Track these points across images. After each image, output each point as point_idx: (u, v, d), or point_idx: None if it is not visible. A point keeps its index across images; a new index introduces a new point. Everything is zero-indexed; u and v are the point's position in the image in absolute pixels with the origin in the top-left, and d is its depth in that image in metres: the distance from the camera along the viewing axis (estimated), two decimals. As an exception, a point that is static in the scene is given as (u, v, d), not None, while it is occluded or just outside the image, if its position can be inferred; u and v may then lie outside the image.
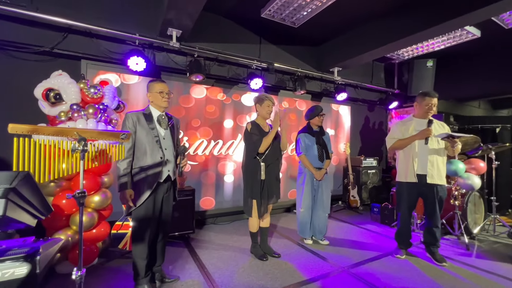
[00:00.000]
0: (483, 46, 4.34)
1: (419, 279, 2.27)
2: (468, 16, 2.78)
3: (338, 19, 3.68)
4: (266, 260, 2.57)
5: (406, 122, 2.72)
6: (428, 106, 2.55)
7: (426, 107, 2.56)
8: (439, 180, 2.54)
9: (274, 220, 3.88)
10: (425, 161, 2.54)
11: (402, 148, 2.66)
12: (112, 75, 3.18)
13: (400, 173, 2.71)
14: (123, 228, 2.61)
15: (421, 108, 2.62)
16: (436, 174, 2.53)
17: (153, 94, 2.02)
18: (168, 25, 2.99)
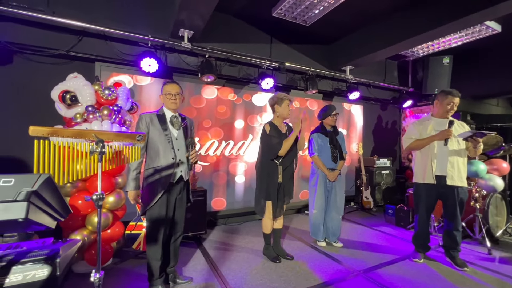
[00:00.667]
0: (503, 41, 4.16)
1: (440, 285, 2.18)
2: (489, 10, 2.66)
3: (350, 17, 3.60)
4: (279, 262, 2.53)
5: (424, 121, 2.62)
6: (450, 105, 2.45)
7: (448, 107, 2.46)
8: (460, 181, 2.43)
9: (286, 221, 3.84)
10: (444, 162, 2.44)
11: (419, 149, 2.56)
12: (125, 77, 3.21)
13: (418, 174, 2.61)
14: (136, 229, 2.63)
15: (442, 107, 2.51)
16: (456, 176, 2.42)
17: (162, 96, 2.05)
18: (179, 26, 3.00)
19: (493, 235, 3.10)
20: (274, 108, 2.57)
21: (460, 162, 2.45)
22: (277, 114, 2.56)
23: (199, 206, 3.14)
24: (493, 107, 6.31)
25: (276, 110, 2.56)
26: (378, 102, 5.51)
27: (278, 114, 2.55)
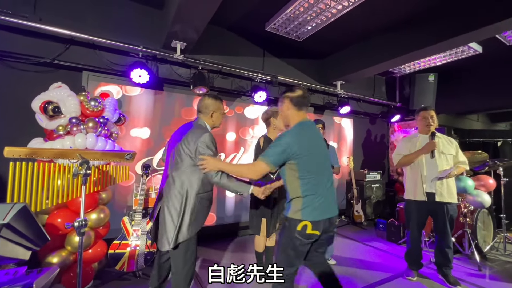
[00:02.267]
0: (483, 61, 4.38)
1: (435, 305, 2.15)
2: (474, 33, 2.80)
3: (342, 34, 3.69)
4: None
5: (412, 138, 2.68)
6: (426, 119, 2.55)
7: (425, 121, 2.56)
8: (449, 198, 2.46)
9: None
10: (434, 178, 2.46)
11: (409, 164, 2.59)
12: (114, 87, 3.11)
13: (409, 191, 2.62)
14: (121, 248, 2.47)
15: (420, 123, 2.62)
16: (446, 192, 2.45)
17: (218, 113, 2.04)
18: (172, 38, 2.95)
19: (481, 251, 3.13)
20: (270, 122, 2.50)
21: (449, 179, 2.48)
22: (274, 126, 2.49)
23: (188, 222, 3.01)
24: (474, 122, 6.59)
25: (272, 123, 2.49)
26: (367, 116, 5.62)
27: (274, 126, 2.49)
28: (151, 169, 3.10)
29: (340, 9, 2.94)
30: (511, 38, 3.57)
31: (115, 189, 3.06)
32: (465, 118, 6.35)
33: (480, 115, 6.78)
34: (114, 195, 3.04)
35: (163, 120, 3.41)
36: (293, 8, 2.98)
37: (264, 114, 2.58)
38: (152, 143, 3.33)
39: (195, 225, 1.74)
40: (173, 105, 3.50)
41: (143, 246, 2.49)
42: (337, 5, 2.88)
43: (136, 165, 3.22)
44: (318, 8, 2.95)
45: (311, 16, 3.11)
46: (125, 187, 3.14)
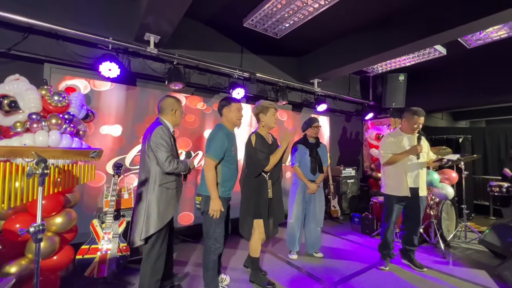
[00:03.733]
0: (447, 63, 4.69)
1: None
2: (439, 36, 2.97)
3: (319, 33, 3.75)
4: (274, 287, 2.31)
5: (397, 136, 2.76)
6: (416, 125, 2.66)
7: (415, 126, 2.66)
8: (423, 192, 2.70)
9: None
10: (416, 175, 2.65)
11: (396, 162, 2.69)
12: (81, 81, 2.90)
13: (391, 187, 2.72)
14: (90, 253, 2.32)
15: (409, 125, 2.69)
16: (424, 187, 2.69)
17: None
18: (145, 30, 2.81)
19: (446, 239, 3.37)
20: (259, 118, 2.36)
21: (424, 174, 2.71)
22: (263, 124, 2.35)
23: (164, 222, 2.90)
24: (438, 120, 7.05)
25: (261, 120, 2.35)
26: (343, 114, 5.80)
27: (263, 124, 2.35)
28: (124, 169, 2.95)
29: (317, 7, 2.97)
30: (471, 42, 3.85)
31: (83, 191, 2.86)
32: (431, 116, 6.77)
33: (444, 114, 7.27)
34: (83, 197, 2.85)
35: (136, 117, 3.25)
36: (271, 5, 2.96)
37: (254, 109, 2.43)
38: (124, 141, 3.16)
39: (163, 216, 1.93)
40: (147, 101, 3.34)
41: (115, 250, 2.35)
42: (314, 4, 2.91)
43: (107, 164, 3.04)
44: (295, 5, 2.96)
45: (289, 13, 3.12)
46: (94, 188, 2.95)
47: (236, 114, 2.17)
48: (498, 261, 2.71)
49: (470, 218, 4.91)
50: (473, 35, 3.65)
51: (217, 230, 2.06)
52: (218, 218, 2.03)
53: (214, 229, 2.05)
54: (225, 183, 2.11)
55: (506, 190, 3.53)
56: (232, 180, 2.18)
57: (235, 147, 2.21)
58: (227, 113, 2.17)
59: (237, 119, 2.18)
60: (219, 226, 2.07)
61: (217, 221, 2.05)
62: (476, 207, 5.37)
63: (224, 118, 2.20)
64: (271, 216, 2.33)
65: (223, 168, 2.10)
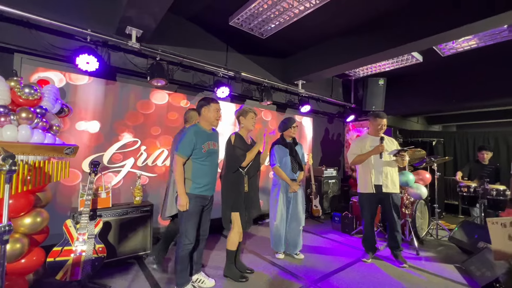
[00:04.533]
0: (423, 69, 4.95)
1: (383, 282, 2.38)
2: (415, 43, 3.11)
3: (303, 35, 3.81)
4: (246, 281, 2.41)
5: (363, 139, 3.02)
6: (379, 126, 2.91)
7: (378, 127, 2.92)
8: (393, 189, 2.86)
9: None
10: (380, 173, 2.84)
11: (361, 163, 2.94)
12: (55, 74, 2.74)
13: (361, 185, 2.96)
14: (62, 255, 2.20)
15: (373, 127, 2.97)
16: (390, 184, 2.85)
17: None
18: (127, 23, 2.71)
19: (419, 237, 3.55)
20: (240, 120, 2.55)
21: (392, 172, 2.89)
22: (242, 125, 2.54)
23: (143, 222, 2.82)
24: (414, 123, 7.42)
25: (241, 122, 2.55)
26: (325, 116, 5.93)
27: (243, 125, 2.53)
28: (101, 167, 2.83)
29: (302, 9, 3.02)
30: (445, 50, 4.08)
31: (56, 189, 2.71)
32: (408, 120, 7.11)
33: (420, 118, 7.66)
34: (56, 196, 2.70)
35: (115, 113, 3.12)
36: (257, 4, 2.97)
37: (236, 112, 2.62)
38: (102, 138, 3.03)
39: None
40: (128, 97, 3.23)
41: (90, 252, 2.25)
42: (299, 6, 2.95)
43: (83, 162, 2.90)
44: (281, 6, 2.99)
45: (275, 14, 3.14)
46: (69, 186, 2.80)
47: (214, 114, 2.26)
48: (465, 257, 2.89)
49: (441, 216, 5.20)
50: (447, 44, 3.87)
51: (187, 227, 2.14)
52: (188, 214, 2.13)
53: (184, 225, 2.14)
54: (197, 179, 2.18)
55: (474, 191, 3.77)
56: (205, 177, 2.21)
57: (209, 144, 2.25)
58: (206, 113, 2.26)
59: (215, 119, 2.28)
60: (190, 223, 2.15)
61: (187, 218, 2.14)
62: (447, 206, 5.70)
63: (202, 117, 2.29)
64: (248, 209, 2.45)
65: (194, 164, 2.19)
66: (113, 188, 2.99)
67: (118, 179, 3.11)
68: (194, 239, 2.18)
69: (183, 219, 2.16)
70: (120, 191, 3.11)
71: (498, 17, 2.47)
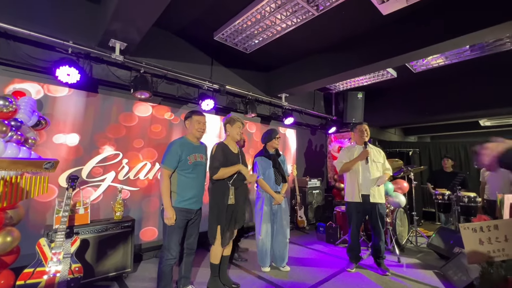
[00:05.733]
0: (398, 84, 5.27)
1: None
2: (388, 60, 3.33)
3: (286, 51, 3.97)
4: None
5: (351, 148, 3.11)
6: (361, 131, 3.02)
7: (360, 133, 3.02)
8: (380, 199, 2.92)
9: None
10: (368, 183, 2.89)
11: (349, 170, 2.99)
12: (32, 85, 2.65)
13: (348, 194, 3.02)
14: (34, 277, 2.05)
15: (357, 135, 3.06)
16: (377, 194, 2.90)
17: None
18: (110, 36, 2.71)
19: (400, 244, 3.66)
20: (226, 128, 2.56)
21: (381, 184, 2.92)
22: (228, 133, 2.55)
23: (124, 239, 2.71)
24: (392, 135, 7.78)
25: (227, 130, 2.56)
26: (308, 127, 6.09)
27: (228, 133, 2.55)
28: (79, 181, 2.72)
29: (285, 27, 3.17)
30: (416, 67, 4.39)
31: (29, 206, 2.56)
32: (386, 131, 7.45)
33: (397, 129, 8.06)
34: (29, 213, 2.55)
35: (96, 126, 3.04)
36: (241, 21, 3.08)
37: (224, 119, 2.64)
38: (81, 151, 2.93)
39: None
40: (110, 109, 3.16)
41: (65, 272, 2.11)
42: (282, 23, 3.09)
43: (60, 176, 2.77)
44: (265, 24, 3.12)
45: (258, 30, 3.27)
46: (43, 203, 2.65)
47: (196, 126, 2.30)
48: (443, 262, 3.01)
49: (420, 224, 5.42)
50: (418, 62, 4.18)
51: (170, 242, 2.11)
52: (172, 229, 2.11)
53: (168, 240, 2.12)
54: (182, 192, 2.17)
55: (448, 198, 3.98)
56: (191, 190, 2.20)
57: (195, 156, 2.26)
58: (188, 125, 2.34)
59: (197, 130, 2.32)
60: (173, 238, 2.12)
61: (170, 232, 2.12)
62: (425, 213, 5.95)
63: (187, 129, 2.36)
64: (231, 223, 2.40)
65: (179, 177, 2.18)
66: (92, 203, 2.87)
67: (98, 194, 2.99)
68: (177, 254, 2.14)
69: (167, 233, 2.13)
70: (99, 206, 2.98)
71: (459, 39, 2.72)
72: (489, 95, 4.54)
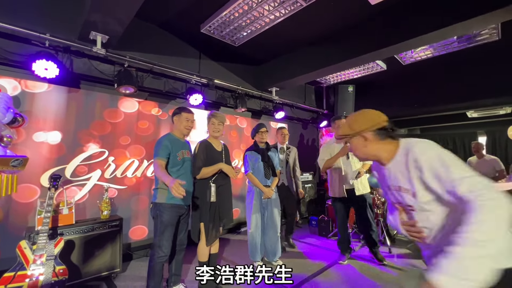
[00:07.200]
0: (388, 77, 5.28)
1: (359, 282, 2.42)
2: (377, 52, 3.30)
3: (275, 43, 3.90)
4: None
5: (331, 145, 3.12)
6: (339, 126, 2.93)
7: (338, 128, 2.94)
8: (364, 190, 2.98)
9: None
10: (350, 177, 2.94)
11: (331, 167, 3.00)
12: (8, 81, 2.52)
13: (332, 190, 3.07)
14: (16, 281, 1.97)
15: (336, 130, 3.05)
16: (361, 186, 2.96)
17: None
18: (91, 28, 2.58)
19: (391, 235, 3.70)
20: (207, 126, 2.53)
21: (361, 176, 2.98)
22: (207, 131, 2.53)
23: (111, 238, 2.64)
24: (383, 128, 7.86)
25: (207, 127, 2.52)
26: (300, 122, 6.07)
27: (208, 131, 2.53)
28: (62, 180, 2.61)
29: (273, 18, 3.09)
30: (405, 59, 4.40)
31: (9, 207, 2.45)
32: (377, 124, 7.51)
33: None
34: (9, 215, 2.45)
35: (79, 123, 2.93)
36: (228, 13, 2.99)
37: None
38: (64, 149, 2.82)
39: None
40: (93, 105, 3.05)
41: (49, 275, 2.04)
42: (270, 15, 3.02)
43: (42, 176, 2.66)
44: (252, 15, 3.04)
45: (246, 22, 3.19)
46: (24, 204, 2.55)
47: (184, 124, 2.27)
48: (432, 251, 3.06)
49: (410, 215, 5.49)
50: (406, 53, 4.18)
51: (162, 239, 2.08)
52: (164, 226, 2.07)
53: (159, 237, 2.07)
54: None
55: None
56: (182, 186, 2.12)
57: (183, 153, 2.25)
58: (176, 122, 2.29)
59: (185, 128, 2.28)
60: (165, 235, 2.08)
61: (162, 229, 2.07)
62: (415, 204, 6.04)
63: (174, 126, 2.31)
64: (215, 221, 2.36)
65: (170, 173, 2.13)
66: (77, 203, 2.77)
67: (83, 193, 2.89)
68: (169, 252, 2.11)
69: (158, 230, 2.08)
70: (85, 206, 2.89)
71: (447, 29, 2.72)
72: (475, 87, 4.60)
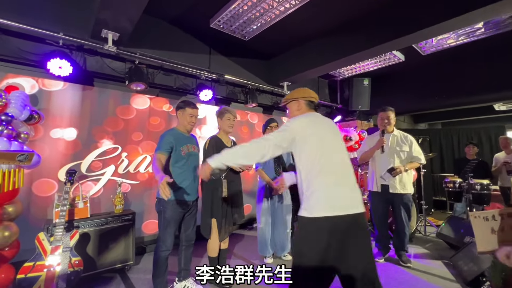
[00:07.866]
0: (406, 69, 5.02)
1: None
2: (395, 41, 3.13)
3: (286, 36, 3.80)
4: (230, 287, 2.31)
5: (373, 137, 2.95)
6: (382, 119, 2.85)
7: (381, 121, 2.86)
8: (402, 189, 2.72)
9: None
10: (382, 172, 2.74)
11: (367, 159, 2.90)
12: (27, 80, 2.62)
13: (370, 183, 2.93)
14: (35, 270, 2.06)
15: (378, 123, 2.91)
16: (398, 185, 2.71)
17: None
18: (102, 26, 2.63)
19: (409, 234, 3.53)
20: (218, 122, 2.48)
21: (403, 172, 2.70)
22: (219, 127, 2.48)
23: (124, 232, 2.71)
24: (401, 122, 7.52)
25: (218, 123, 2.48)
26: (313, 117, 5.92)
27: (219, 127, 2.47)
28: (78, 175, 2.71)
29: (283, 10, 3.01)
30: (425, 49, 4.15)
31: (30, 201, 2.58)
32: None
33: (406, 116, 7.79)
34: (30, 208, 2.57)
35: (93, 119, 3.01)
36: (237, 6, 2.94)
37: (216, 112, 2.53)
38: (80, 145, 2.91)
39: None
40: (106, 102, 3.12)
41: (65, 265, 2.12)
42: (279, 6, 2.94)
43: (59, 171, 2.77)
44: (262, 7, 2.97)
45: (255, 15, 3.12)
46: (43, 197, 2.67)
47: (188, 119, 2.22)
48: (453, 252, 2.89)
49: (430, 213, 5.26)
50: (426, 43, 3.94)
51: (165, 234, 2.09)
52: (167, 221, 2.08)
53: (162, 232, 2.10)
54: (176, 184, 2.11)
55: (459, 186, 3.81)
56: (185, 181, 2.16)
57: (188, 147, 2.22)
58: (180, 116, 2.24)
59: (188, 123, 2.23)
60: (167, 231, 2.09)
61: (165, 224, 2.09)
62: (436, 202, 5.77)
63: (179, 120, 2.27)
64: (227, 217, 2.35)
65: (174, 169, 2.13)
66: (92, 197, 2.87)
67: (98, 188, 2.99)
68: (171, 246, 2.14)
69: (162, 225, 2.11)
70: (100, 200, 2.98)
71: (472, 14, 2.51)
72: (504, 77, 4.25)
